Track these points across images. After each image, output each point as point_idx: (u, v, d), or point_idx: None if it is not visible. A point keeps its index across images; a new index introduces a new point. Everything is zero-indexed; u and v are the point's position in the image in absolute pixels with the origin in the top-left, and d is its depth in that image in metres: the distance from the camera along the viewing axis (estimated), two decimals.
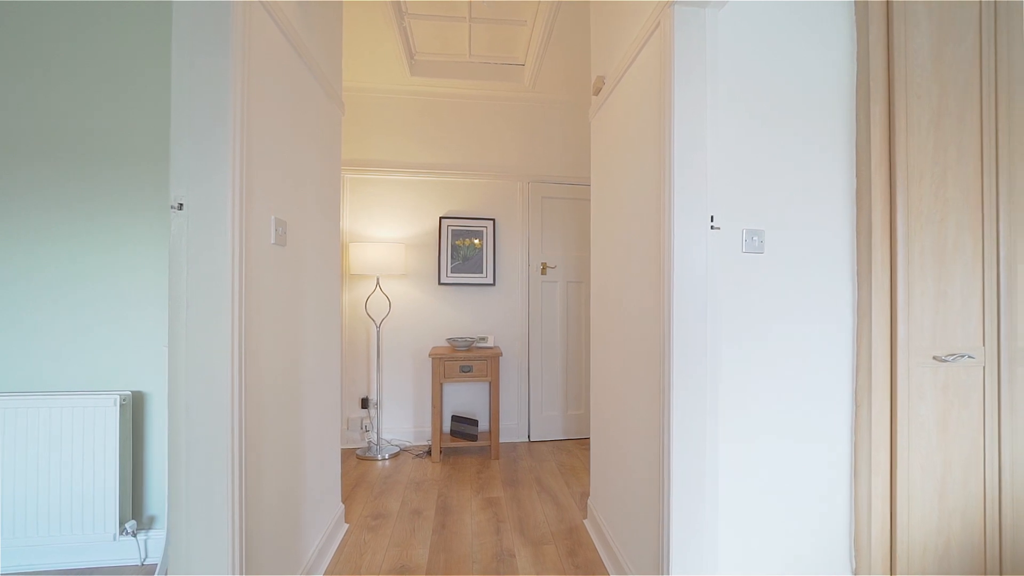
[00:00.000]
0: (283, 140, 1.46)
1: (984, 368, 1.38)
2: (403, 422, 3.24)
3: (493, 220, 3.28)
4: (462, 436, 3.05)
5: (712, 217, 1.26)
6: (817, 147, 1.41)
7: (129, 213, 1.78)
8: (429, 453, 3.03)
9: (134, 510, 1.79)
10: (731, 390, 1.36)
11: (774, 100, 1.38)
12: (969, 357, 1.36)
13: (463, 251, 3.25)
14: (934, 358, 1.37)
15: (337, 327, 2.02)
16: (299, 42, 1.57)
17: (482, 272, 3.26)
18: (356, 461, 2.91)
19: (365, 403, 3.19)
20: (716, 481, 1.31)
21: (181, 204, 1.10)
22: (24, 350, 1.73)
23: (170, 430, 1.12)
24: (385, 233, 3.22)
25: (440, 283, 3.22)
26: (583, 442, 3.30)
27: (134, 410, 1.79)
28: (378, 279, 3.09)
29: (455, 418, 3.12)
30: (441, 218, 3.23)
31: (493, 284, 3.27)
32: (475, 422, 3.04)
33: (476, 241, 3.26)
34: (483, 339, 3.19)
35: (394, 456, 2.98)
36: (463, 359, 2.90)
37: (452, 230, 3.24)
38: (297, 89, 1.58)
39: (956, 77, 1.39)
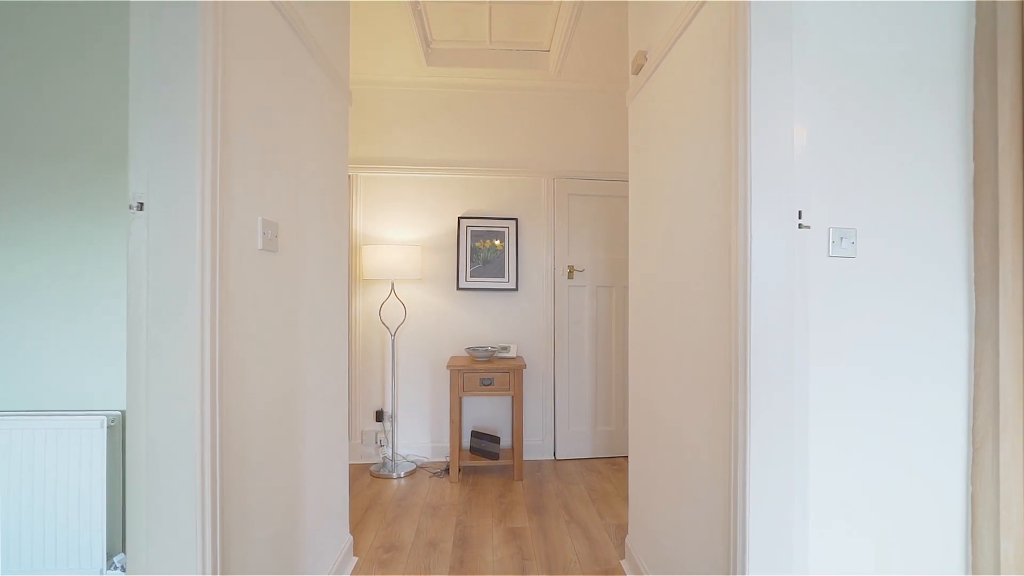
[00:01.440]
0: (275, 131, 1.27)
1: None
2: (420, 437, 3.04)
3: (516, 220, 3.04)
4: (482, 454, 2.82)
5: (800, 213, 1.00)
6: (922, 125, 1.12)
7: (115, 212, 1.63)
8: (447, 471, 2.81)
9: (123, 542, 1.63)
10: (816, 423, 1.09)
11: (868, 67, 1.10)
12: None
13: (483, 253, 3.02)
14: None
15: (345, 340, 1.82)
16: (297, 20, 1.37)
17: (504, 276, 3.03)
18: (370, 479, 2.72)
19: (380, 416, 3.00)
20: (805, 539, 1.04)
21: (141, 204, 0.91)
22: None
23: (129, 475, 0.93)
24: (400, 235, 3.03)
25: (459, 288, 3.00)
26: (615, 462, 3.03)
27: (123, 432, 1.63)
28: (393, 284, 2.90)
29: (475, 434, 2.90)
30: (460, 218, 3.01)
31: (516, 289, 3.03)
32: (496, 439, 2.81)
33: (497, 243, 3.03)
34: (505, 348, 2.96)
35: (410, 474, 2.78)
36: (484, 371, 2.67)
37: (471, 231, 3.02)
38: (294, 73, 1.38)
39: None
